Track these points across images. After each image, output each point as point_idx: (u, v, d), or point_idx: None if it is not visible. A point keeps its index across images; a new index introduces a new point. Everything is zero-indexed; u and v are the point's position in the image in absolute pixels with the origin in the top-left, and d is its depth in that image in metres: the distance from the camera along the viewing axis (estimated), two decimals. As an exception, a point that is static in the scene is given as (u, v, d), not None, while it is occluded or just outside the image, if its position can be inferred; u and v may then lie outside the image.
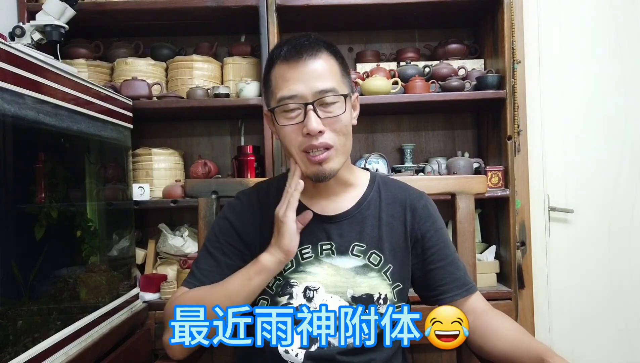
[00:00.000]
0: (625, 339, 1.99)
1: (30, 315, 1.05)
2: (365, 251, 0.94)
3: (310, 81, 0.84)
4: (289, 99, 0.85)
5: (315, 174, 0.88)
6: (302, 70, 0.85)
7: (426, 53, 2.07)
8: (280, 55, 0.87)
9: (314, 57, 0.86)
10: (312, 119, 0.84)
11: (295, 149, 0.87)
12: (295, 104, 0.85)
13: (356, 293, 0.91)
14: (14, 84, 0.98)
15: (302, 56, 0.85)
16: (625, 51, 2.00)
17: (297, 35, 0.89)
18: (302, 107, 0.85)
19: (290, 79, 0.85)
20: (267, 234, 0.95)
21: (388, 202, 0.98)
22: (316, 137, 0.85)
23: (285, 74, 0.86)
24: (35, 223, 1.09)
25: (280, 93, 0.86)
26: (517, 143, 1.79)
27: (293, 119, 0.86)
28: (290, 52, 0.86)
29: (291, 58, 0.85)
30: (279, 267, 0.89)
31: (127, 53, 1.93)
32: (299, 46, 0.86)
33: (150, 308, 1.64)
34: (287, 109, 0.86)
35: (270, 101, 0.90)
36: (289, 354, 0.90)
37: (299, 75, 0.85)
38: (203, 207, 1.18)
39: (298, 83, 0.84)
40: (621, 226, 2.00)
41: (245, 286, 0.87)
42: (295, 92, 0.84)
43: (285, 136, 0.87)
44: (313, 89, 0.84)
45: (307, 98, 0.84)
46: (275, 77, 0.88)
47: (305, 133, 0.84)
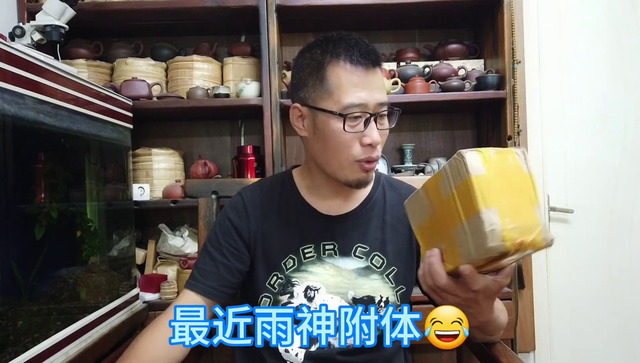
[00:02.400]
0: (625, 339, 1.99)
1: (30, 315, 1.05)
2: (368, 252, 0.94)
3: (374, 91, 0.83)
4: (356, 106, 0.82)
5: (360, 182, 0.88)
6: (368, 79, 0.83)
7: (426, 53, 2.07)
8: (348, 55, 0.83)
9: (376, 67, 0.85)
10: (376, 131, 0.83)
11: (348, 157, 0.85)
12: (360, 113, 0.83)
13: (357, 294, 0.91)
14: (14, 84, 0.98)
15: (369, 64, 0.83)
16: (625, 50, 2.00)
17: (347, 35, 0.86)
18: (364, 117, 0.83)
19: (358, 86, 0.82)
20: (267, 231, 0.95)
21: (393, 204, 0.98)
22: (374, 149, 0.85)
23: (352, 79, 0.83)
24: (35, 223, 1.09)
25: (348, 99, 0.82)
26: (517, 143, 1.79)
27: (354, 127, 0.83)
28: (359, 56, 0.83)
29: (360, 63, 0.83)
30: None
31: (127, 53, 1.93)
32: (366, 52, 0.84)
33: (150, 309, 1.64)
34: (351, 117, 0.82)
35: (326, 100, 0.84)
36: (289, 354, 0.90)
37: (366, 83, 0.83)
38: (203, 207, 1.18)
39: (364, 91, 0.82)
40: (621, 226, 2.00)
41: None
42: (362, 101, 0.82)
43: (342, 143, 0.84)
44: (376, 100, 0.83)
45: (370, 108, 0.83)
46: (337, 77, 0.83)
47: (367, 144, 0.83)
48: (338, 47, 0.84)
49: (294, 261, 0.93)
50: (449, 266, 0.67)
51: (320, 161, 0.90)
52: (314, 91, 0.86)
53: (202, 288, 0.92)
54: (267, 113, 1.75)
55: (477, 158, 0.64)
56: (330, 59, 0.84)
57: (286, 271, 0.92)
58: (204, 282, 0.93)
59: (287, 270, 0.93)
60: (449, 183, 0.66)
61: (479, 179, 0.63)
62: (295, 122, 0.91)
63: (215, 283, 0.93)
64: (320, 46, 0.87)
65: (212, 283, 0.93)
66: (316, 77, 0.85)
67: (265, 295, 0.92)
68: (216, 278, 0.93)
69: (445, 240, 0.68)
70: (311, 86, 0.86)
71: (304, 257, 0.93)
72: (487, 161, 0.64)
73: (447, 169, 0.66)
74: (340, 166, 0.86)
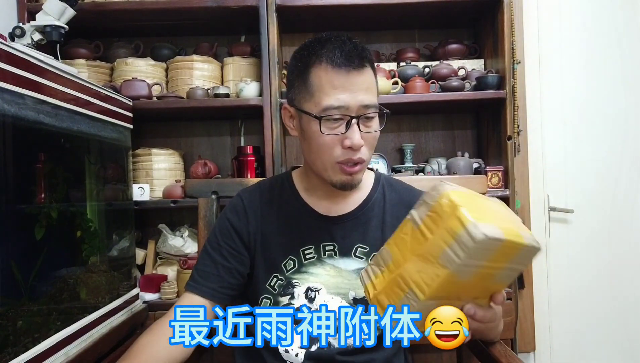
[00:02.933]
0: (625, 339, 1.99)
1: (30, 315, 1.05)
2: (368, 253, 0.94)
3: (357, 93, 0.82)
4: (335, 109, 0.81)
5: (344, 184, 0.87)
6: (350, 80, 0.82)
7: (426, 53, 2.07)
8: (329, 57, 0.82)
9: (362, 68, 0.83)
10: (357, 134, 0.82)
11: (329, 159, 0.85)
12: (339, 115, 0.82)
13: (358, 295, 0.91)
14: (14, 84, 0.98)
15: (352, 65, 0.82)
16: (625, 50, 2.00)
17: (336, 35, 0.85)
18: (345, 119, 0.83)
19: (339, 88, 0.81)
20: (267, 233, 0.95)
21: (393, 204, 0.98)
22: (356, 151, 0.84)
23: (333, 80, 0.82)
24: (35, 223, 1.09)
25: (326, 101, 0.82)
26: (517, 143, 1.79)
27: (333, 129, 0.83)
28: (341, 57, 0.82)
29: (342, 65, 0.81)
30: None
31: (127, 53, 1.93)
32: (349, 53, 0.82)
33: (150, 309, 1.64)
34: (329, 119, 0.82)
35: (308, 102, 0.85)
36: (289, 354, 0.90)
37: (347, 85, 0.82)
38: (203, 207, 1.18)
39: (345, 93, 0.81)
40: (621, 226, 2.00)
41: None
42: (342, 103, 0.81)
43: (323, 145, 0.84)
44: (359, 102, 0.82)
45: (352, 111, 0.82)
46: (319, 78, 0.83)
47: (347, 146, 0.83)
48: (322, 48, 0.84)
49: (294, 263, 0.93)
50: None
51: (308, 161, 0.91)
52: (299, 93, 0.86)
53: (202, 290, 0.92)
54: (267, 113, 1.75)
55: (446, 187, 0.66)
56: (314, 60, 0.84)
57: (286, 272, 0.92)
58: (204, 284, 0.93)
59: (288, 272, 0.93)
60: (415, 220, 0.67)
61: (453, 193, 0.64)
62: (287, 122, 0.92)
63: (215, 284, 0.93)
64: (308, 47, 0.87)
65: (213, 284, 0.93)
66: (301, 79, 0.86)
67: (265, 297, 0.92)
68: (216, 279, 0.93)
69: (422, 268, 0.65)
70: (297, 87, 0.87)
71: (304, 258, 0.93)
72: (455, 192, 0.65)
73: (412, 213, 0.68)
74: (324, 168, 0.87)
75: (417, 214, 0.67)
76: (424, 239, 0.64)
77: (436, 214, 0.64)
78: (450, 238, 0.61)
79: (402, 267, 0.66)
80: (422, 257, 0.64)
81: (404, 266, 0.66)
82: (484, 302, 0.72)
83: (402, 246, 0.67)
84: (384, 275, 0.69)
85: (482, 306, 0.70)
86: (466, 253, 0.60)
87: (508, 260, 0.65)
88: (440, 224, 0.63)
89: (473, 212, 0.61)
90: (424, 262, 0.64)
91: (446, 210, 0.62)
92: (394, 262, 0.68)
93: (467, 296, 0.69)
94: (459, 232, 0.60)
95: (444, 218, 0.62)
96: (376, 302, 0.70)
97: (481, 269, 0.64)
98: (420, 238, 0.65)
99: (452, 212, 0.62)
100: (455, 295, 0.67)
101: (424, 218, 0.65)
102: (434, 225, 0.64)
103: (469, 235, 0.59)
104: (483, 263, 0.63)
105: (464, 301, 0.69)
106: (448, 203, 0.62)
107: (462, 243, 0.60)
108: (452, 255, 0.61)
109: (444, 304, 0.67)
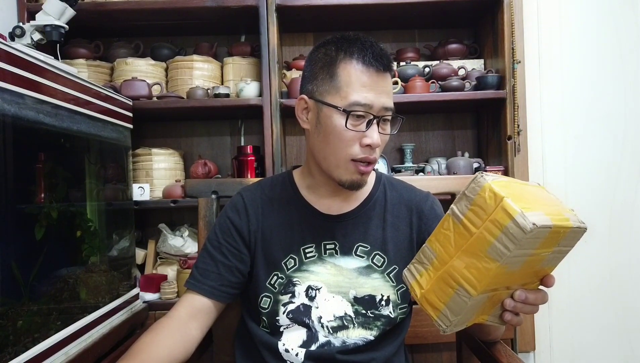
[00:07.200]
0: (625, 339, 1.99)
1: (30, 315, 1.05)
2: (369, 252, 0.94)
3: (381, 95, 0.84)
4: (361, 106, 0.83)
5: (353, 183, 0.88)
6: (377, 81, 0.84)
7: (426, 53, 2.07)
8: (361, 55, 0.84)
9: (387, 72, 0.86)
10: (377, 133, 0.84)
11: (345, 155, 0.86)
12: (363, 112, 0.84)
13: (358, 293, 0.91)
14: (14, 84, 0.98)
15: (381, 67, 0.84)
16: (625, 50, 2.00)
17: (363, 36, 0.88)
18: (367, 118, 0.84)
19: (367, 86, 0.83)
20: (268, 231, 0.95)
21: (394, 203, 0.98)
22: (372, 150, 0.85)
23: (362, 79, 0.84)
24: (35, 223, 1.09)
25: (354, 97, 0.83)
26: (517, 142, 1.79)
27: (355, 126, 0.84)
28: (372, 58, 0.84)
29: (371, 65, 0.84)
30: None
31: (127, 53, 1.93)
32: (379, 55, 0.85)
33: (150, 309, 1.64)
34: (353, 115, 0.83)
35: (333, 96, 0.85)
36: (289, 353, 0.90)
37: (374, 85, 0.84)
38: (203, 207, 1.17)
39: (371, 93, 0.83)
40: (621, 226, 2.00)
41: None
42: (368, 101, 0.83)
43: (343, 140, 0.85)
44: (382, 103, 0.84)
45: (375, 110, 0.84)
46: (348, 74, 0.84)
47: (365, 144, 0.84)
48: (353, 46, 0.86)
49: (295, 261, 0.93)
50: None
51: (318, 157, 0.90)
52: (323, 85, 0.87)
53: (202, 288, 0.93)
54: (267, 113, 1.75)
55: (488, 177, 0.64)
56: (344, 56, 0.86)
57: (287, 271, 0.92)
58: (204, 282, 0.93)
59: (288, 270, 0.92)
60: (457, 214, 0.66)
61: (494, 183, 0.63)
62: (299, 113, 0.92)
63: (215, 282, 0.93)
64: (336, 43, 0.88)
65: (213, 282, 0.93)
66: (327, 72, 0.87)
67: (265, 295, 0.92)
68: (216, 277, 0.93)
69: (471, 263, 0.65)
70: (321, 80, 0.87)
71: (305, 257, 0.93)
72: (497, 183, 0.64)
73: (453, 208, 0.66)
74: (337, 164, 0.87)
75: (458, 209, 0.66)
76: (468, 234, 0.64)
77: (479, 208, 0.63)
78: (497, 231, 0.60)
79: (448, 264, 0.66)
80: (468, 252, 0.64)
81: (451, 263, 0.65)
82: (533, 287, 0.71)
83: (446, 243, 0.66)
84: (430, 273, 0.68)
85: (532, 290, 0.70)
86: (516, 244, 0.59)
87: (556, 243, 0.65)
88: (485, 218, 0.62)
89: (518, 201, 0.60)
90: (471, 257, 0.63)
91: (490, 203, 0.62)
92: (438, 259, 0.67)
93: (516, 283, 0.68)
94: (506, 224, 0.59)
95: (488, 211, 0.62)
96: (424, 301, 0.68)
97: (530, 257, 0.63)
98: (465, 232, 0.64)
99: (496, 204, 0.61)
100: (505, 285, 0.67)
101: (466, 213, 0.64)
102: (478, 219, 0.63)
103: (518, 226, 0.58)
104: (532, 251, 0.62)
105: (512, 290, 0.68)
106: (491, 195, 0.62)
107: (510, 235, 0.59)
108: (502, 248, 0.60)
109: (494, 295, 0.67)
